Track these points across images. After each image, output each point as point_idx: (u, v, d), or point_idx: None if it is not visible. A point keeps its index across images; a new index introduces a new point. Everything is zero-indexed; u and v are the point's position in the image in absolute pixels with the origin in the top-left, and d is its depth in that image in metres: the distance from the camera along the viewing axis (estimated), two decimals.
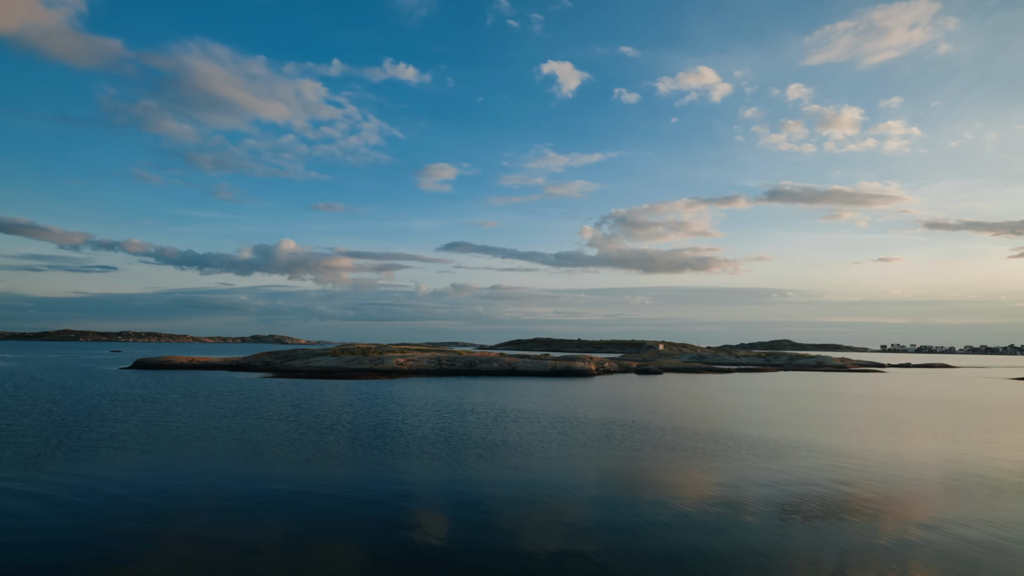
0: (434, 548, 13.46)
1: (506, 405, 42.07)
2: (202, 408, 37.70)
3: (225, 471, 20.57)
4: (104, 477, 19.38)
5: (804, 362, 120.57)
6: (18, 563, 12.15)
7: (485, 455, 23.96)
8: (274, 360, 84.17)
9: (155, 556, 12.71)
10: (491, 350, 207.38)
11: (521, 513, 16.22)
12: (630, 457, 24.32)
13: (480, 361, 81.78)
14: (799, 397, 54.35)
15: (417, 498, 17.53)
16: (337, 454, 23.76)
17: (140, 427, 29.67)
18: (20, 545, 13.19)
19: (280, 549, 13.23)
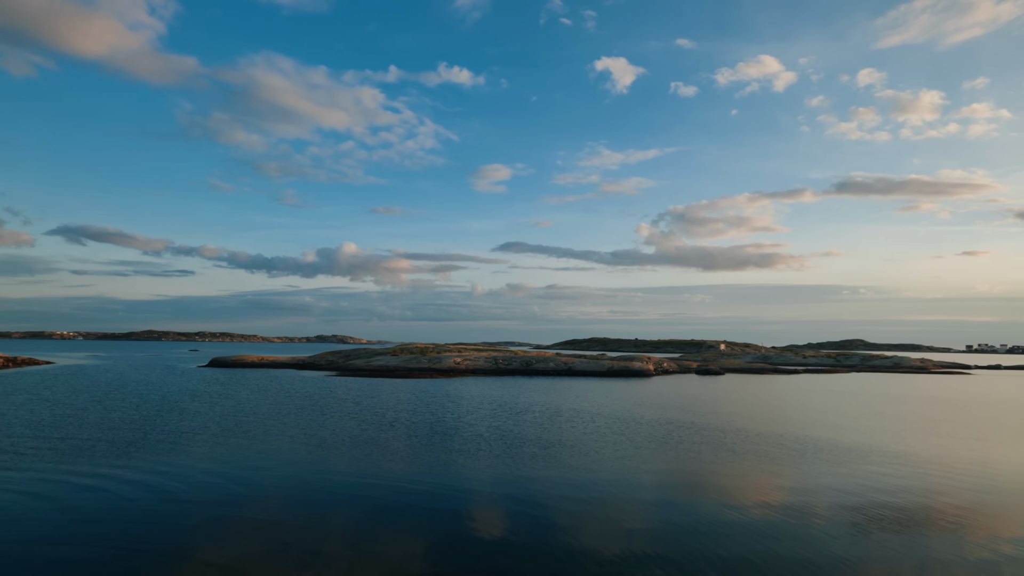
0: (493, 543, 13.65)
1: (561, 405, 41.98)
2: (272, 404, 39.60)
3: (293, 463, 21.57)
4: (187, 466, 20.73)
5: (879, 363, 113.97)
6: (111, 541, 13.19)
7: (541, 454, 24.02)
8: (337, 359, 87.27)
9: (234, 538, 13.52)
10: (547, 350, 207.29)
11: (579, 511, 16.18)
12: (689, 459, 23.77)
13: (536, 361, 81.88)
14: (873, 399, 51.45)
15: (475, 494, 17.81)
16: (397, 450, 24.43)
17: (217, 421, 31.49)
18: (115, 523, 14.32)
19: (345, 538, 13.79)
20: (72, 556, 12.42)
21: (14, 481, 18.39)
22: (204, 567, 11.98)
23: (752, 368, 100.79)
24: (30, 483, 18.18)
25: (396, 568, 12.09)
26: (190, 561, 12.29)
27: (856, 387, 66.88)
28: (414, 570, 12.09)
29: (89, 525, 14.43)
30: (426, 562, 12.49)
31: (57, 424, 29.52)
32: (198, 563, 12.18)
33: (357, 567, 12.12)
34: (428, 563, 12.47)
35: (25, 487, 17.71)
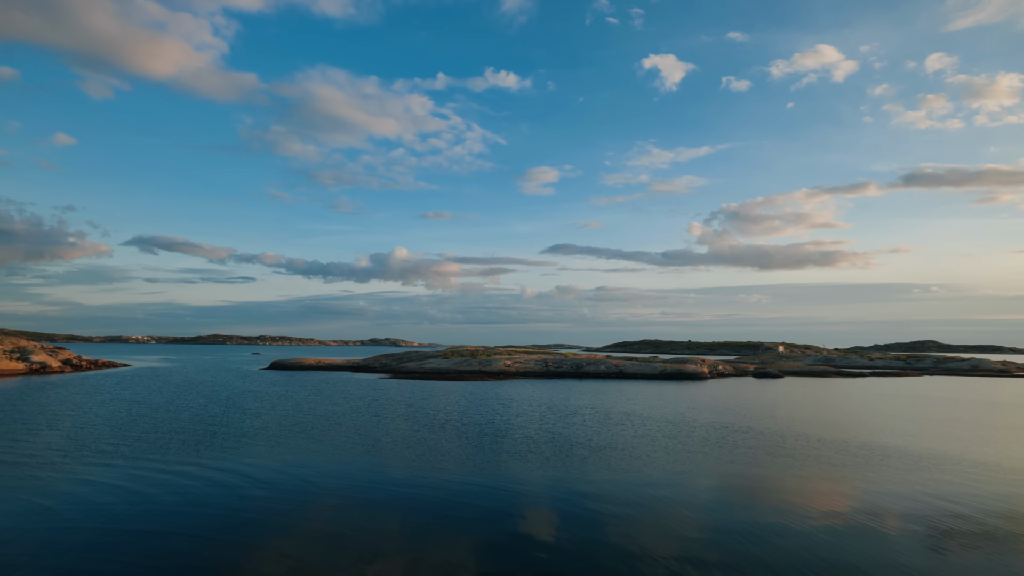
0: (546, 545, 13.67)
1: (612, 408, 41.55)
2: (329, 406, 40.96)
3: (350, 462, 22.27)
4: (252, 463, 21.75)
5: (954, 365, 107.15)
6: (186, 532, 14.03)
7: (591, 457, 23.89)
8: (390, 362, 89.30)
9: (297, 533, 14.12)
10: (597, 352, 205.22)
11: (632, 514, 16.03)
12: (746, 463, 23.10)
13: (586, 363, 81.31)
14: (947, 404, 48.44)
15: (526, 496, 17.90)
16: (449, 451, 24.82)
17: (278, 421, 32.85)
18: (188, 516, 15.22)
19: (401, 536, 14.16)
20: (152, 546, 13.28)
21: (99, 475, 19.78)
22: (271, 560, 12.57)
23: (813, 371, 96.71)
24: (112, 477, 19.51)
25: (451, 568, 12.28)
26: (258, 553, 12.92)
27: (929, 391, 63.15)
28: (469, 570, 12.25)
29: (165, 517, 15.37)
30: (480, 563, 12.64)
31: (134, 423, 31.51)
32: (265, 556, 12.79)
33: (413, 565, 12.40)
34: (482, 564, 12.60)
35: (108, 480, 19.02)
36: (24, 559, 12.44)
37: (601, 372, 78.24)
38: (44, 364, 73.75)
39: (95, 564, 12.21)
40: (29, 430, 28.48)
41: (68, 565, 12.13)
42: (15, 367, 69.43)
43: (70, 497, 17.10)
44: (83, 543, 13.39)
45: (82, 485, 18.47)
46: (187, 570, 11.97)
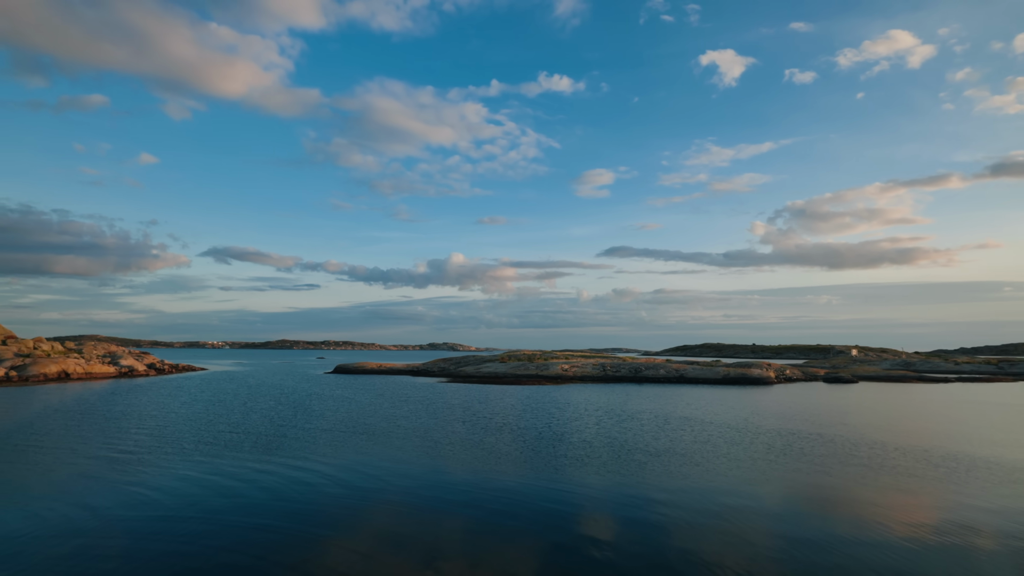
0: (606, 551, 13.56)
1: (672, 412, 40.63)
2: (391, 408, 42.09)
3: (411, 463, 22.82)
4: (319, 462, 22.66)
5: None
6: (258, 525, 14.81)
7: (651, 462, 23.47)
8: (448, 366, 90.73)
9: (362, 531, 14.64)
10: (656, 356, 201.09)
11: (696, 522, 15.65)
12: (815, 472, 22.07)
13: (645, 368, 79.86)
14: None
15: (585, 500, 17.80)
16: (507, 454, 24.99)
17: (343, 423, 34.05)
18: (258, 511, 16.05)
19: (461, 537, 14.41)
20: (229, 540, 14.10)
21: (184, 470, 21.13)
22: (341, 556, 13.09)
23: (891, 376, 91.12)
24: (193, 472, 20.80)
25: (510, 570, 12.35)
26: (326, 548, 13.48)
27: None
28: (528, 573, 12.31)
29: (239, 512, 16.25)
30: (540, 565, 12.67)
31: (213, 423, 33.46)
32: (336, 552, 13.33)
33: (474, 568, 12.55)
34: (542, 567, 12.62)
35: (192, 476, 20.29)
36: (129, 544, 13.47)
37: (661, 376, 76.65)
38: (132, 368, 79.41)
39: (189, 550, 13.08)
40: (121, 428, 30.76)
41: (168, 549, 13.04)
42: (107, 370, 75.13)
43: (162, 490, 18.35)
44: (177, 532, 14.37)
45: (170, 479, 19.78)
46: (263, 560, 12.63)
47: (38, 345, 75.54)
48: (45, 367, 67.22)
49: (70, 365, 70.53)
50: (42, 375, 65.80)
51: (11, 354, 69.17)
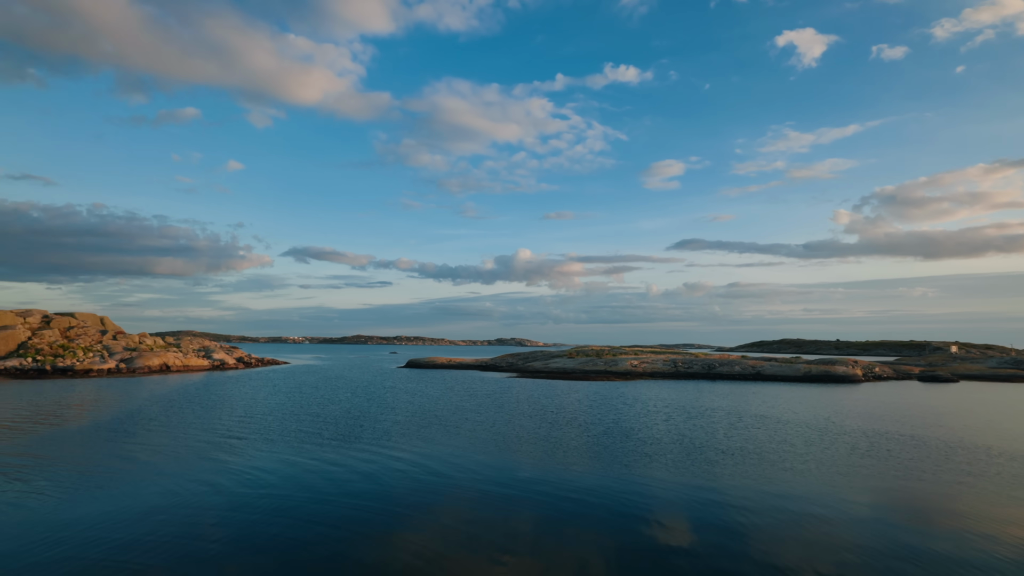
0: (679, 551, 13.27)
1: (746, 410, 39.10)
2: (461, 402, 43.01)
3: (481, 457, 23.27)
4: (391, 454, 23.56)
5: None
6: (332, 517, 15.61)
7: (723, 460, 22.74)
8: (516, 361, 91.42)
9: (433, 524, 15.13)
10: (731, 352, 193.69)
11: (770, 525, 15.09)
12: (905, 476, 20.64)
13: (719, 364, 77.22)
14: None
15: (656, 498, 17.52)
16: (576, 449, 24.97)
17: (416, 416, 35.15)
18: (336, 502, 16.91)
19: (531, 533, 14.58)
20: (308, 532, 14.95)
21: (270, 458, 22.57)
22: (413, 547, 13.59)
23: (998, 375, 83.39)
24: (274, 462, 22.16)
25: (581, 569, 12.27)
26: (398, 541, 14.03)
27: None
28: (600, 572, 12.22)
29: (318, 503, 17.19)
30: (611, 565, 12.54)
31: (295, 413, 35.45)
32: (408, 543, 13.85)
33: (543, 564, 12.60)
34: (613, 566, 12.49)
35: (277, 463, 21.65)
36: (231, 524, 14.61)
37: (736, 373, 73.87)
38: (223, 361, 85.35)
39: (282, 530, 14.02)
40: (216, 417, 33.19)
41: (267, 532, 14.04)
42: (201, 363, 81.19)
43: (249, 475, 19.71)
44: (258, 521, 15.42)
45: (258, 464, 21.19)
46: (347, 547, 13.33)
47: (143, 340, 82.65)
48: (149, 360, 73.51)
49: (170, 358, 76.78)
50: (146, 367, 72.02)
51: (120, 348, 76.10)
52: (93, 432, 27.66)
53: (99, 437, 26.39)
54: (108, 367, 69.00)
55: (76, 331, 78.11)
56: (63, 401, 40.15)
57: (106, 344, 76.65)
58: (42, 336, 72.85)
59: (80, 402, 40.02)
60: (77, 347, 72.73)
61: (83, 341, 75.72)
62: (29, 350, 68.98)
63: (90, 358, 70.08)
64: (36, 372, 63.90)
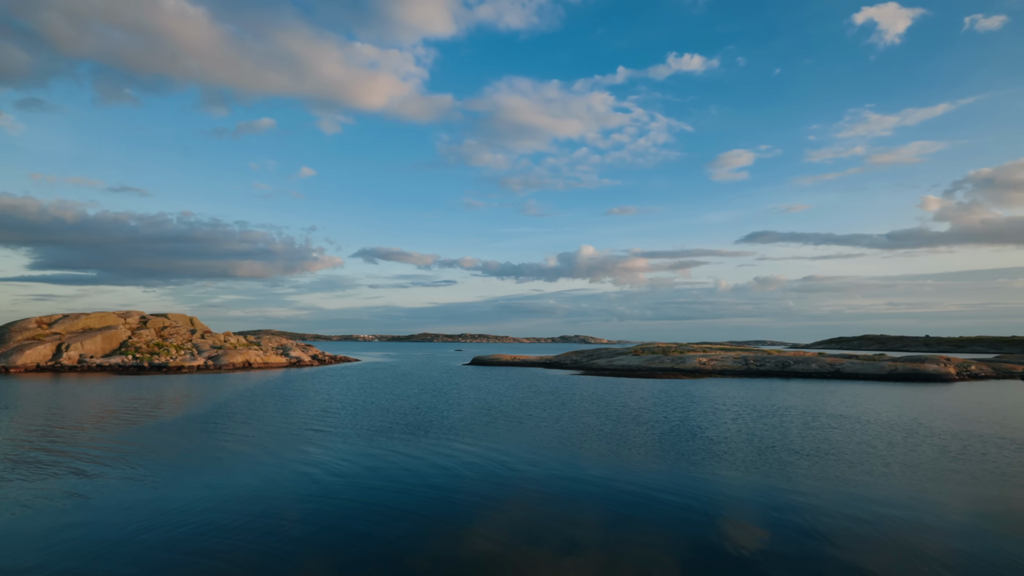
0: (754, 557, 12.90)
1: (823, 409, 37.25)
2: (526, 399, 43.38)
3: (546, 453, 23.46)
4: (460, 449, 24.16)
5: None
6: (405, 509, 16.24)
7: (797, 461, 21.85)
8: (581, 359, 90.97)
9: (499, 518, 15.47)
10: (806, 349, 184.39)
11: (849, 530, 14.42)
12: (1002, 483, 19.12)
13: (794, 361, 73.86)
14: None
15: (725, 500, 17.11)
16: (642, 448, 24.70)
17: (482, 412, 35.80)
18: (406, 494, 17.57)
19: (596, 531, 14.63)
20: (378, 526, 15.63)
21: (344, 450, 23.69)
22: (479, 541, 13.96)
23: None
24: (352, 453, 23.22)
25: (648, 569, 12.11)
26: (466, 533, 14.44)
27: None
28: (668, 572, 12.05)
29: (390, 492, 17.91)
30: (680, 565, 12.33)
31: (366, 409, 36.93)
32: (472, 536, 14.25)
33: (608, 562, 12.53)
34: (682, 566, 12.25)
35: (349, 455, 22.69)
36: (295, 516, 15.57)
37: (812, 371, 70.40)
38: (299, 359, 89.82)
39: (353, 525, 14.79)
40: (297, 410, 35.11)
41: (333, 524, 14.87)
42: (279, 361, 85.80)
43: (326, 466, 20.79)
44: (338, 509, 16.28)
45: (334, 458, 22.30)
46: (409, 539, 13.88)
47: (227, 339, 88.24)
48: (233, 358, 78.46)
49: (251, 356, 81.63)
50: (231, 364, 76.90)
51: (208, 346, 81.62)
52: (187, 424, 29.94)
53: (192, 428, 28.54)
54: (197, 364, 74.26)
55: (169, 330, 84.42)
56: (160, 396, 43.61)
57: (195, 343, 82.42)
58: (140, 335, 79.23)
59: (175, 396, 43.35)
60: (170, 345, 78.63)
61: (175, 340, 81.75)
62: (130, 348, 75.22)
63: (182, 356, 75.64)
64: (136, 369, 69.65)
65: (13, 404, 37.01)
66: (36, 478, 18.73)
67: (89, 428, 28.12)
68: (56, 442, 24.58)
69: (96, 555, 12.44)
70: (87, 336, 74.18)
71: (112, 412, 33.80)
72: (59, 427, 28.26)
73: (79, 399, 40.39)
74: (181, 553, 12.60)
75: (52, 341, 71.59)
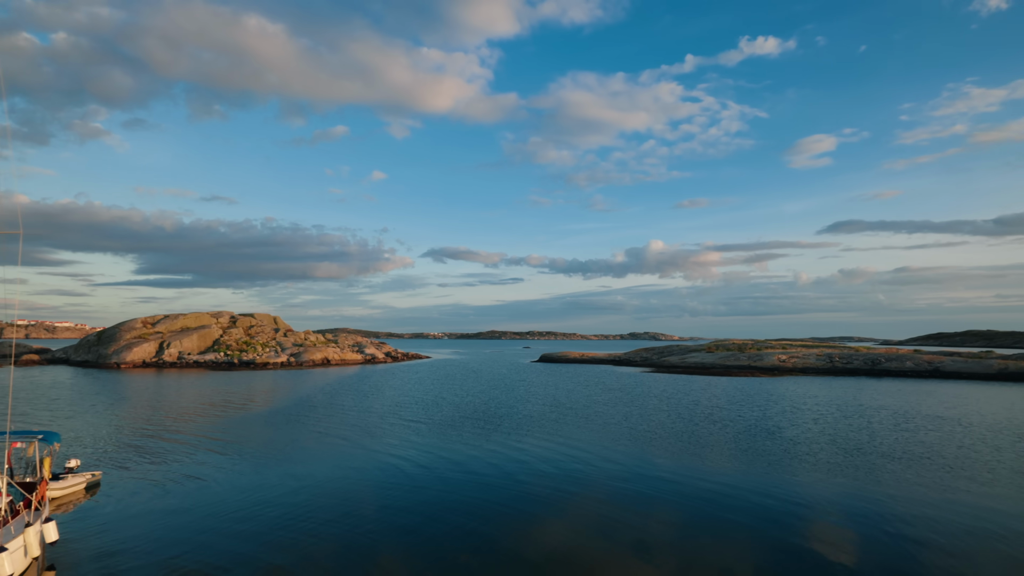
0: (842, 563, 12.17)
1: (917, 410, 34.63)
2: (596, 396, 43.07)
3: (618, 450, 23.22)
4: (532, 444, 24.34)
5: None
6: (478, 503, 16.54)
7: (887, 465, 20.47)
8: (651, 356, 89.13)
9: (573, 513, 15.49)
10: (899, 346, 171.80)
11: (952, 542, 13.36)
12: None
13: (886, 359, 69.12)
14: None
15: (807, 505, 16.28)
16: (716, 447, 23.95)
17: (552, 409, 35.87)
18: (484, 488, 17.89)
19: (669, 530, 14.36)
20: (452, 524, 16.01)
21: (421, 443, 24.43)
22: (552, 535, 14.03)
23: None
24: (429, 446, 23.89)
25: (726, 569, 11.68)
26: (541, 528, 14.55)
27: None
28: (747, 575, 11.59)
29: (469, 485, 18.30)
30: (761, 568, 11.77)
31: (438, 404, 37.87)
32: (547, 531, 14.33)
33: (684, 564, 12.10)
34: (764, 570, 11.69)
35: (425, 447, 23.37)
36: (374, 506, 16.23)
37: (907, 370, 65.60)
38: (374, 356, 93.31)
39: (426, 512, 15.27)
40: (371, 406, 36.56)
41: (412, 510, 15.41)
42: (355, 357, 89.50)
43: (405, 459, 21.53)
44: (421, 498, 16.84)
45: (409, 451, 23.05)
46: (494, 529, 14.15)
47: (307, 337, 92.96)
48: (313, 354, 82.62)
49: (330, 353, 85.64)
50: (311, 361, 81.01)
51: (290, 344, 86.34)
52: (273, 416, 31.84)
53: (279, 420, 30.32)
54: (281, 360, 78.76)
55: (255, 329, 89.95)
56: (250, 390, 46.61)
57: (279, 340, 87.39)
58: (230, 334, 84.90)
59: (263, 390, 46.20)
60: (257, 343, 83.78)
61: (261, 338, 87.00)
62: (221, 346, 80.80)
63: (267, 353, 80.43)
64: (227, 365, 74.75)
65: (130, 397, 40.71)
66: (161, 462, 20.59)
67: (195, 419, 30.50)
68: (170, 430, 26.83)
69: (224, 532, 13.46)
70: (185, 335, 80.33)
71: (212, 405, 36.47)
72: (170, 418, 30.83)
73: (182, 393, 43.87)
74: (300, 533, 13.40)
75: (155, 339, 78.07)
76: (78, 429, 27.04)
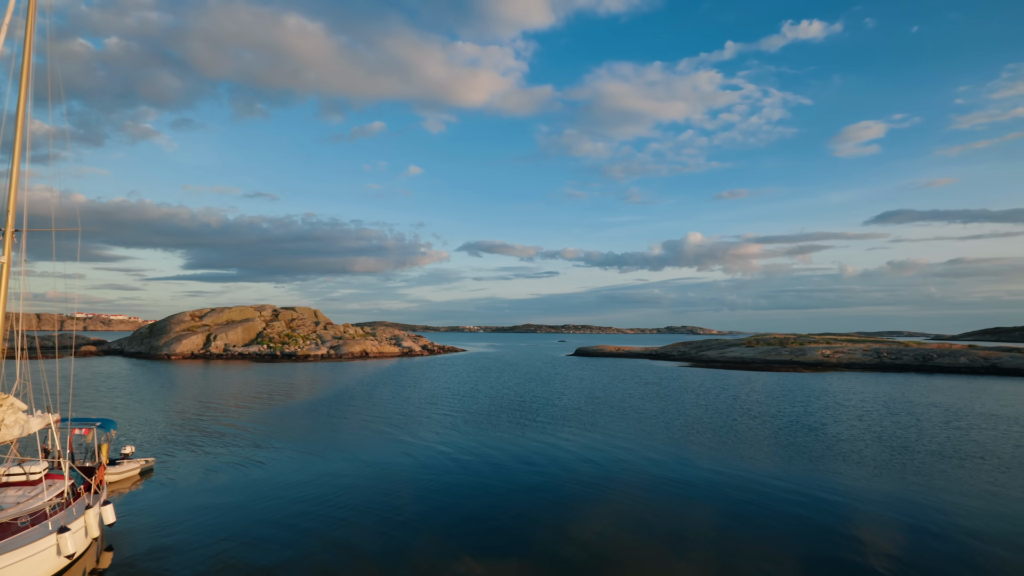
0: (885, 571, 11.77)
1: (970, 408, 33.13)
2: (633, 391, 42.73)
3: (656, 446, 23.04)
4: (568, 439, 24.40)
5: None
6: (508, 499, 16.67)
7: (937, 464, 19.69)
8: (689, 350, 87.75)
9: (608, 509, 15.46)
10: (952, 341, 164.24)
11: (1008, 547, 12.81)
12: None
13: (937, 355, 66.33)
14: None
15: (851, 507, 15.81)
16: (758, 444, 23.49)
17: (588, 403, 35.79)
18: (513, 482, 18.02)
19: (706, 529, 14.17)
20: (488, 517, 16.17)
21: (457, 437, 24.74)
22: (589, 531, 14.05)
23: None
24: (465, 439, 24.18)
25: (766, 570, 11.38)
26: (577, 524, 14.59)
27: None
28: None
29: (499, 480, 18.47)
30: (801, 570, 11.49)
31: (474, 397, 38.22)
32: (582, 527, 14.36)
33: (722, 564, 11.79)
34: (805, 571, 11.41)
35: (461, 442, 23.66)
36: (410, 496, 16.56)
37: (961, 366, 62.80)
38: (410, 349, 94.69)
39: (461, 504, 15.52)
40: (408, 396, 37.18)
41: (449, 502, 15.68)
42: (393, 350, 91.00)
43: (436, 452, 21.87)
44: (456, 490, 17.10)
45: (447, 443, 23.40)
46: (530, 522, 14.27)
47: (346, 330, 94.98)
48: (351, 347, 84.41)
49: (368, 346, 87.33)
50: (350, 353, 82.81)
51: (330, 336, 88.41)
52: (315, 407, 32.74)
53: (320, 411, 31.17)
54: (321, 353, 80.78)
55: (296, 322, 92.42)
56: (293, 381, 48.01)
57: (319, 333, 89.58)
58: (273, 327, 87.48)
59: (306, 382, 47.52)
60: (298, 336, 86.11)
61: (302, 331, 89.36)
62: (264, 338, 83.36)
63: (308, 345, 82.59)
64: (270, 357, 77.11)
65: (180, 387, 42.51)
66: (210, 450, 21.51)
67: (241, 409, 31.65)
68: (218, 420, 27.93)
69: (268, 517, 14.01)
70: (230, 328, 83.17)
71: (257, 395, 37.75)
72: (218, 408, 32.08)
73: (228, 384, 45.53)
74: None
75: (202, 332, 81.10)
76: (132, 417, 28.40)
